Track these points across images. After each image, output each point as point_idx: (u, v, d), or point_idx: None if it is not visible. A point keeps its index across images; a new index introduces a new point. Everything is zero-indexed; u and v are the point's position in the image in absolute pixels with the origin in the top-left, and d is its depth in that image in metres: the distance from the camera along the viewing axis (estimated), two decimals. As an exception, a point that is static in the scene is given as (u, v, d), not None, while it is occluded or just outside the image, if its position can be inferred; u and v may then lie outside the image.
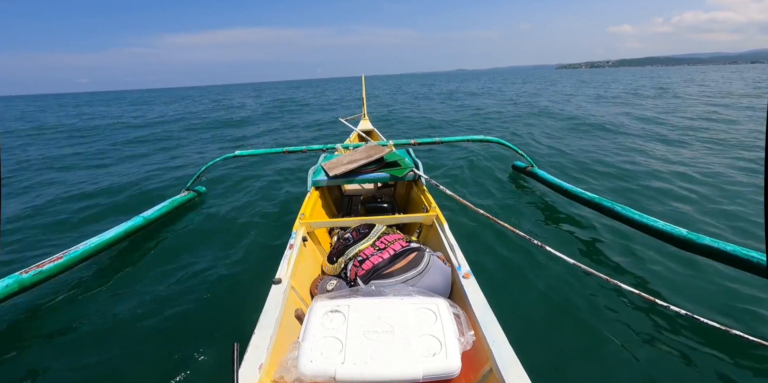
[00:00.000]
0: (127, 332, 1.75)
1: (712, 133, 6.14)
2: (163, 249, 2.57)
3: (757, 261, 1.79)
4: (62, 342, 1.70)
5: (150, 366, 1.55)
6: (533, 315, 1.83)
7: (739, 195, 3.27)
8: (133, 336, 1.73)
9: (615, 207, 2.57)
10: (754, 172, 3.90)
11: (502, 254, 2.39)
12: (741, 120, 7.40)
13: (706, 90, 15.40)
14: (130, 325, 1.80)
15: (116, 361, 1.58)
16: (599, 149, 5.33)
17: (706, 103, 10.72)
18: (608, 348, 1.61)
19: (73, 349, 1.66)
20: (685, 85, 19.80)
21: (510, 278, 2.13)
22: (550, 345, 1.62)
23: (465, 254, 1.40)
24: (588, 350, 1.60)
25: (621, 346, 1.62)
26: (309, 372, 0.85)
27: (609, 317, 1.80)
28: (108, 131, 10.19)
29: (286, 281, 1.24)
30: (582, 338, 1.67)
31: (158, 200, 3.25)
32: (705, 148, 5.17)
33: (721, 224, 2.72)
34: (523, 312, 1.84)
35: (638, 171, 4.13)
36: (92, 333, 1.75)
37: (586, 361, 1.54)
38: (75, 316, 1.89)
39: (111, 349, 1.65)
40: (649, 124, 7.44)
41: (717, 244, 1.95)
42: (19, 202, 3.90)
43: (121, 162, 5.97)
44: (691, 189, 3.48)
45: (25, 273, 1.95)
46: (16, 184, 4.70)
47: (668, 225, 2.21)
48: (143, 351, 1.63)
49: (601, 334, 1.69)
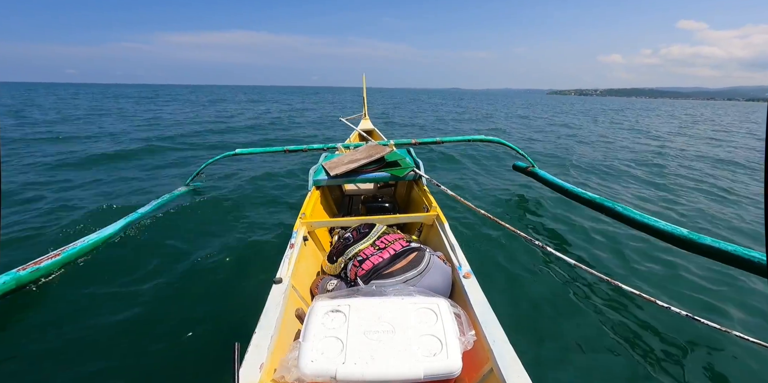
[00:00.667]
0: (125, 331, 1.75)
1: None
2: (161, 247, 2.56)
3: (757, 261, 1.79)
4: (59, 341, 1.69)
5: (150, 366, 1.55)
6: (534, 315, 1.83)
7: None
8: (131, 334, 1.72)
9: (616, 207, 2.57)
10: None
11: (502, 254, 2.39)
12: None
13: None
14: (129, 324, 1.80)
15: (114, 360, 1.58)
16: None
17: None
18: (608, 348, 1.61)
19: (70, 348, 1.65)
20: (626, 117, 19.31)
21: (511, 278, 2.13)
22: (551, 345, 1.62)
23: (466, 254, 1.40)
24: (588, 350, 1.60)
25: (621, 346, 1.62)
26: (310, 371, 0.84)
27: (609, 317, 1.80)
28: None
29: (286, 280, 1.24)
30: (582, 338, 1.67)
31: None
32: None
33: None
34: (523, 312, 1.84)
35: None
36: (90, 332, 1.74)
37: (586, 361, 1.54)
38: (72, 314, 1.88)
39: (109, 348, 1.64)
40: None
41: (718, 244, 1.94)
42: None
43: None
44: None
45: (23, 270, 1.94)
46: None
47: (669, 225, 2.21)
48: (142, 350, 1.62)
49: (602, 334, 1.69)
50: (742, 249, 1.87)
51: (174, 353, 1.60)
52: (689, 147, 8.24)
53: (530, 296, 1.97)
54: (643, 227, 2.34)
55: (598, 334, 1.69)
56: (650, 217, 2.34)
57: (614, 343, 1.63)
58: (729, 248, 1.90)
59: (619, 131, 11.55)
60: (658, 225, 2.25)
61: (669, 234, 2.17)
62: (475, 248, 2.43)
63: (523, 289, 2.02)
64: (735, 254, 1.86)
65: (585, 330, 1.72)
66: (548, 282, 2.07)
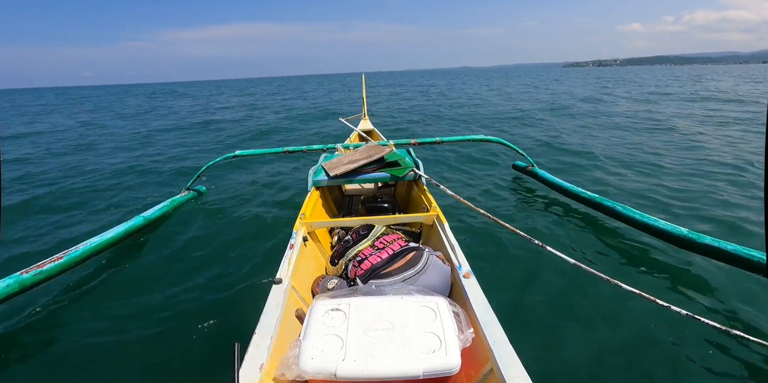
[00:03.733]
0: (127, 332, 1.76)
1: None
2: (163, 250, 2.57)
3: (757, 261, 1.79)
4: (62, 343, 1.70)
5: (150, 366, 1.55)
6: (534, 315, 1.83)
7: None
8: (133, 336, 1.73)
9: (615, 206, 2.57)
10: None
11: (502, 254, 2.39)
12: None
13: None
14: (131, 325, 1.80)
15: (116, 361, 1.59)
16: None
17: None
18: (608, 347, 1.61)
19: (72, 349, 1.66)
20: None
21: (510, 278, 2.13)
22: (551, 345, 1.62)
23: (466, 253, 1.40)
24: (588, 349, 1.60)
25: (621, 346, 1.62)
26: (310, 369, 0.85)
27: (609, 317, 1.79)
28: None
29: (286, 281, 1.24)
30: (582, 338, 1.67)
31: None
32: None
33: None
34: (523, 312, 1.84)
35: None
36: (92, 334, 1.75)
37: (586, 360, 1.54)
38: (75, 316, 1.89)
39: (111, 349, 1.65)
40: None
41: (718, 244, 1.95)
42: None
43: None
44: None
45: (26, 273, 1.95)
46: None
47: (669, 224, 2.22)
48: (143, 351, 1.63)
49: (601, 334, 1.69)
50: (742, 248, 1.87)
51: (174, 353, 1.60)
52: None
53: (530, 296, 1.96)
54: (643, 226, 2.34)
55: (597, 334, 1.69)
56: (650, 217, 2.34)
57: (614, 343, 1.63)
58: (729, 247, 1.90)
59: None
60: (657, 224, 2.25)
61: (668, 233, 2.17)
62: (475, 248, 2.43)
63: (523, 289, 2.02)
64: (735, 253, 1.87)
65: (585, 329, 1.72)
66: (548, 281, 2.07)
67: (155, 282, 2.16)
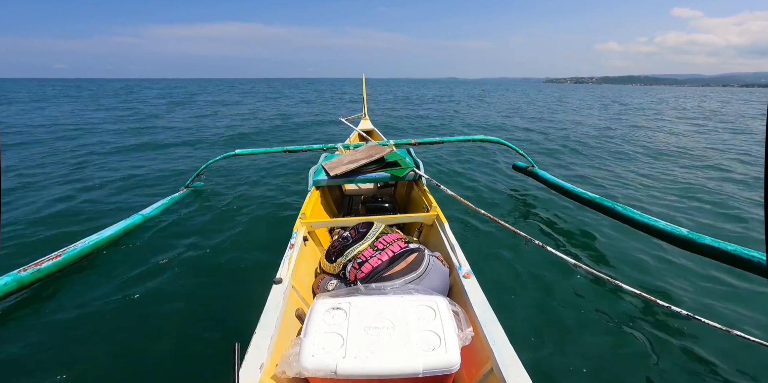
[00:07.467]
0: (126, 332, 1.75)
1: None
2: (161, 248, 2.56)
3: (757, 261, 1.79)
4: (59, 341, 1.70)
5: (150, 366, 1.55)
6: (534, 314, 1.83)
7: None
8: (132, 336, 1.72)
9: (616, 207, 2.57)
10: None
11: (502, 254, 2.39)
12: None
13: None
14: (129, 325, 1.80)
15: (115, 361, 1.58)
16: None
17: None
18: (608, 347, 1.61)
19: (70, 348, 1.65)
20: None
21: (510, 278, 2.13)
22: (551, 345, 1.62)
23: (465, 254, 1.40)
24: (588, 349, 1.60)
25: (621, 345, 1.62)
26: (310, 366, 0.85)
27: (609, 317, 1.80)
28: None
29: (286, 281, 1.24)
30: (582, 337, 1.67)
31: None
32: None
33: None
34: (523, 312, 1.84)
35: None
36: (90, 333, 1.75)
37: (586, 360, 1.54)
38: (73, 315, 1.88)
39: (109, 349, 1.64)
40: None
41: (718, 244, 1.95)
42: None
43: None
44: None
45: (24, 271, 1.95)
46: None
47: (669, 225, 2.21)
48: (143, 351, 1.63)
49: (602, 334, 1.69)
50: (742, 248, 1.87)
51: (174, 353, 1.60)
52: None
53: (530, 296, 1.97)
54: (643, 227, 2.34)
55: (598, 334, 1.69)
56: (650, 217, 2.34)
57: (614, 342, 1.63)
58: (729, 248, 1.90)
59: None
60: (657, 225, 2.25)
61: (669, 234, 2.17)
62: (475, 248, 2.43)
63: (523, 289, 2.02)
64: (735, 254, 1.87)
65: (585, 329, 1.72)
66: (548, 282, 2.07)
67: (152, 281, 2.15)
